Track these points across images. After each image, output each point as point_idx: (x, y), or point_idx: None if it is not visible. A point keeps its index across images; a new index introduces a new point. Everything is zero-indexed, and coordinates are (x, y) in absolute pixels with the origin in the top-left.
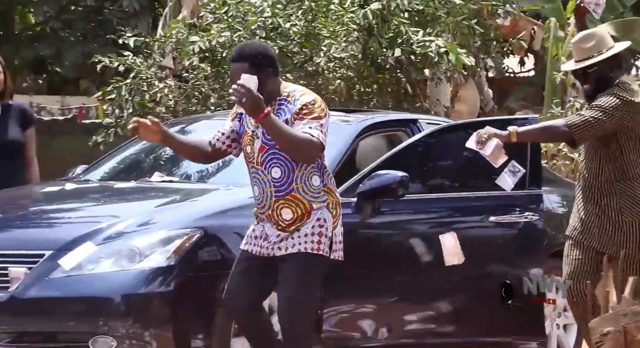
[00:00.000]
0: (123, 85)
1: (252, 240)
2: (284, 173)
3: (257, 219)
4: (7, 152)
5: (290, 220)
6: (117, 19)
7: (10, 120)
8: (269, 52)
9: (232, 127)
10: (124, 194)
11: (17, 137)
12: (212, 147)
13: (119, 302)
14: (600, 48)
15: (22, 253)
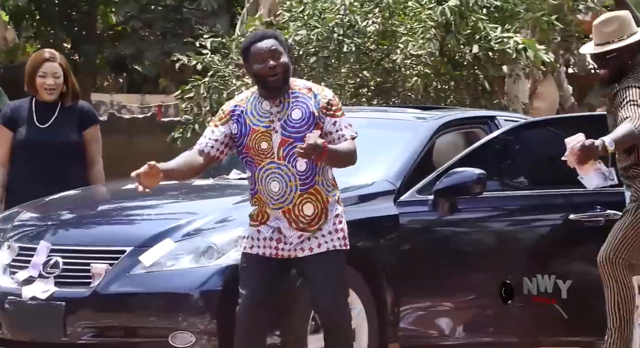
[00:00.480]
0: (201, 83)
1: (260, 242)
2: (308, 166)
3: (261, 219)
4: (60, 154)
5: (310, 217)
6: (196, 18)
7: (68, 121)
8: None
9: (225, 131)
10: (202, 191)
11: (71, 138)
12: (205, 155)
13: (197, 298)
14: (622, 33)
15: (104, 249)
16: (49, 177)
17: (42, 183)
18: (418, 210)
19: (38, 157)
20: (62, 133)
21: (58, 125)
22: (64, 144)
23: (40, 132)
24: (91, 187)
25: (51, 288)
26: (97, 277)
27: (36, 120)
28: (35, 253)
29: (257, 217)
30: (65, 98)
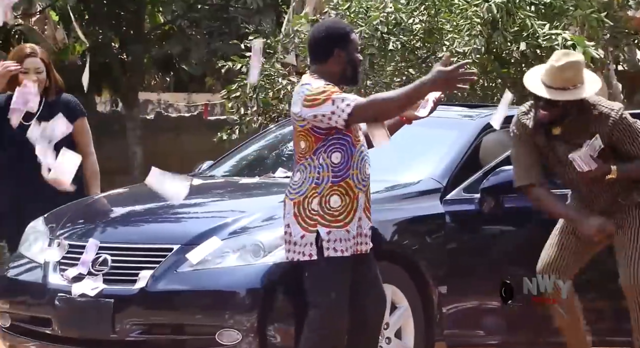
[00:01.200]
0: (247, 82)
1: (352, 241)
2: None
3: (354, 215)
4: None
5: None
6: (242, 17)
7: (53, 115)
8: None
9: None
10: (249, 190)
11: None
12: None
13: (243, 296)
14: (576, 81)
15: (151, 247)
16: (29, 173)
17: (30, 180)
18: (464, 208)
19: (24, 154)
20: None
21: (43, 120)
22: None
23: (25, 128)
24: (140, 185)
25: (100, 285)
26: (145, 274)
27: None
28: (84, 251)
29: (346, 211)
30: (48, 92)
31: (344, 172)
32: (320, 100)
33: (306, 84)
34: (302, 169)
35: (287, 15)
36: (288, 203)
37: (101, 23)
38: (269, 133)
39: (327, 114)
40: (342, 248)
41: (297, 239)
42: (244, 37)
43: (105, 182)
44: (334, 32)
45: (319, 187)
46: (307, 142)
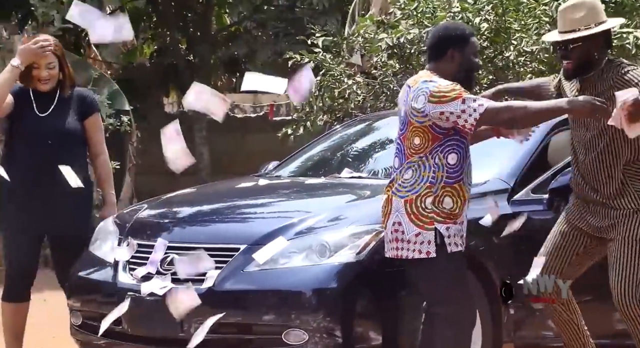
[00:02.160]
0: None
1: (463, 239)
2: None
3: (463, 213)
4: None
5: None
6: (308, 18)
7: (68, 110)
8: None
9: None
10: (314, 190)
11: (72, 127)
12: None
13: (310, 296)
14: (589, 21)
15: (218, 247)
16: (49, 169)
17: (44, 174)
18: (533, 209)
19: (39, 147)
20: (62, 122)
21: (58, 114)
22: (65, 133)
23: (41, 121)
24: (207, 185)
25: (168, 284)
26: (212, 274)
27: (36, 109)
28: (153, 251)
29: (457, 209)
30: (63, 87)
31: (458, 174)
32: (449, 98)
33: (431, 81)
34: (414, 167)
35: (350, 14)
36: (396, 201)
37: (169, 25)
38: (334, 133)
39: (455, 111)
40: (461, 242)
41: (411, 237)
42: (309, 38)
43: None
44: (451, 32)
45: (433, 187)
46: (423, 139)
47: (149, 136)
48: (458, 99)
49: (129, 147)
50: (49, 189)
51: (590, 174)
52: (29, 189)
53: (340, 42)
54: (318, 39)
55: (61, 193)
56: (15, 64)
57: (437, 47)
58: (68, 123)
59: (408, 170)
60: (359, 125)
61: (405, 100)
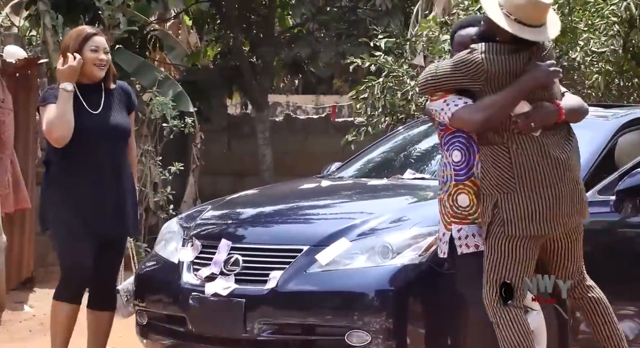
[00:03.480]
0: (375, 84)
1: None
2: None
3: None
4: (117, 141)
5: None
6: (370, 19)
7: (116, 104)
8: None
9: None
10: (377, 191)
11: (125, 123)
12: None
13: (373, 298)
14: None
15: (281, 248)
16: (108, 167)
17: (105, 173)
18: (599, 211)
19: (96, 145)
20: (116, 118)
21: (109, 109)
22: (120, 129)
23: (95, 118)
24: (270, 186)
25: (232, 285)
26: (276, 275)
27: (87, 105)
28: (216, 251)
29: (474, 207)
30: (107, 79)
31: (466, 170)
32: (437, 97)
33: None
34: (442, 166)
35: (413, 15)
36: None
37: (232, 27)
38: (397, 134)
39: (437, 109)
40: (476, 242)
41: (441, 236)
42: (372, 39)
43: (236, 183)
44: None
45: (445, 186)
46: (439, 137)
47: (212, 137)
48: (442, 98)
49: (193, 149)
50: (111, 189)
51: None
52: (91, 190)
53: (402, 43)
54: (380, 40)
55: (122, 192)
56: (69, 89)
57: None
58: (121, 118)
59: (440, 171)
60: (421, 126)
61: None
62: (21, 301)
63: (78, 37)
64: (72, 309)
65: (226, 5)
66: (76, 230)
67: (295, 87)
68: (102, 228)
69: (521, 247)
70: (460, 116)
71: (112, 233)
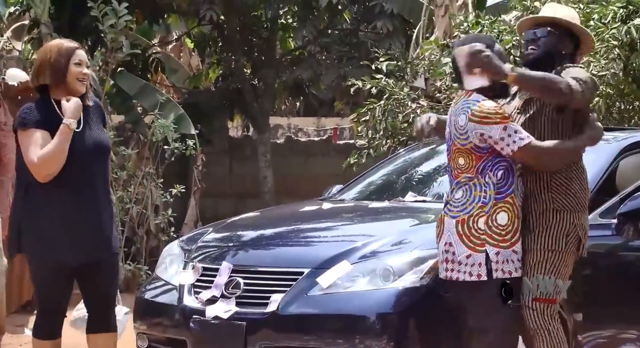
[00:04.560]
0: (377, 106)
1: (519, 263)
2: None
3: (519, 234)
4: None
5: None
6: (371, 41)
7: (95, 121)
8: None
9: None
10: (378, 214)
11: (106, 140)
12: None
13: (374, 321)
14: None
15: (282, 270)
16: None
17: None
18: (601, 234)
19: (80, 164)
20: (97, 135)
21: (89, 126)
22: (102, 147)
23: (78, 136)
24: (271, 208)
25: (233, 308)
26: (277, 297)
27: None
28: (217, 274)
29: (513, 230)
30: (85, 95)
31: (507, 188)
32: (491, 120)
33: (475, 101)
34: (465, 188)
35: (414, 38)
36: (449, 222)
37: (234, 49)
38: (398, 157)
39: (494, 137)
40: (510, 269)
41: (462, 259)
42: (373, 61)
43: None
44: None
45: (485, 206)
46: (466, 159)
47: (213, 160)
48: (500, 125)
49: (194, 171)
50: (96, 209)
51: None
52: (77, 212)
53: (404, 66)
54: (382, 63)
55: (106, 211)
56: (74, 126)
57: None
58: (101, 135)
59: (459, 191)
60: (422, 149)
61: (450, 120)
62: (21, 324)
63: (63, 50)
64: (54, 345)
65: (228, 28)
66: (54, 262)
67: (296, 110)
68: (87, 251)
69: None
70: (534, 155)
71: (99, 255)
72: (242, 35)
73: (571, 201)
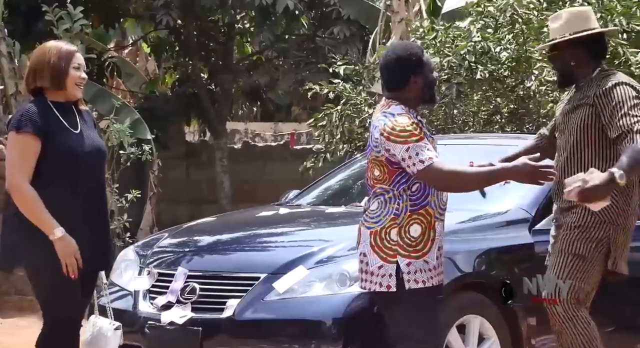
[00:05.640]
0: (334, 111)
1: (433, 271)
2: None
3: (432, 245)
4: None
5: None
6: (328, 47)
7: (89, 124)
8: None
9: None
10: (335, 219)
11: (102, 144)
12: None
13: (330, 326)
14: (564, 31)
15: (239, 275)
16: (96, 191)
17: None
18: None
19: (82, 168)
20: (95, 137)
21: (86, 129)
22: (101, 150)
23: (77, 138)
24: (227, 214)
25: (188, 313)
26: (233, 303)
27: (68, 124)
28: (173, 279)
29: (424, 240)
30: (79, 99)
31: (422, 200)
32: (398, 140)
33: (389, 115)
34: (380, 200)
35: (371, 43)
36: (364, 232)
37: (191, 54)
38: (354, 162)
39: (397, 156)
40: (423, 278)
41: (374, 269)
42: (330, 66)
43: (194, 211)
44: (407, 60)
45: (397, 218)
46: (381, 170)
47: (170, 165)
48: (404, 145)
49: (150, 176)
50: (99, 215)
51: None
52: (78, 220)
53: (361, 71)
54: (339, 67)
55: (105, 218)
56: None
57: (397, 76)
58: (99, 138)
59: (374, 202)
60: None
61: (370, 129)
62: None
63: (63, 54)
64: None
65: (185, 33)
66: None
67: (253, 115)
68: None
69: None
70: (433, 177)
71: (99, 265)
72: (199, 40)
73: (612, 213)
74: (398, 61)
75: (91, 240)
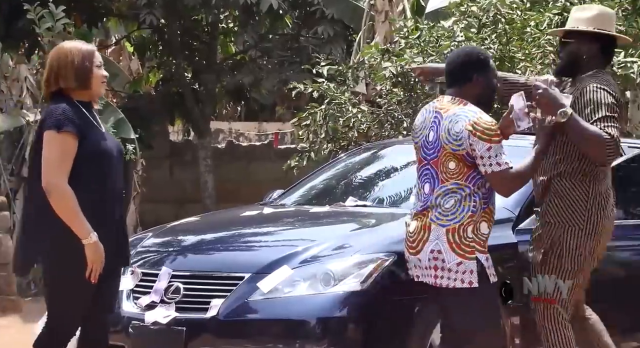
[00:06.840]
0: (318, 111)
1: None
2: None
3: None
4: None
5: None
6: (312, 46)
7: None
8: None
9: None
10: (319, 218)
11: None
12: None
13: (314, 325)
14: (590, 24)
15: (223, 275)
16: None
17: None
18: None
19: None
20: (113, 138)
21: (105, 128)
22: (121, 151)
23: (104, 136)
24: (211, 213)
25: (172, 313)
26: (217, 302)
27: (97, 124)
28: (157, 279)
29: (487, 238)
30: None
31: (490, 198)
32: (484, 137)
33: (470, 110)
34: (457, 197)
35: (355, 43)
36: (437, 229)
37: (175, 53)
38: (339, 162)
39: (478, 152)
40: (494, 273)
41: (452, 266)
42: (314, 66)
43: (178, 211)
44: (474, 57)
45: (475, 215)
46: (458, 165)
47: (154, 164)
48: (487, 144)
49: (134, 175)
50: (120, 216)
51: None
52: (105, 221)
53: (345, 71)
54: (323, 67)
55: (124, 218)
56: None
57: (461, 72)
58: (115, 139)
59: (449, 199)
60: (363, 153)
61: (435, 125)
62: None
63: (85, 54)
64: None
65: (168, 32)
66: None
67: (237, 114)
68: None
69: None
70: (503, 182)
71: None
72: (182, 39)
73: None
74: (465, 57)
75: (114, 239)
